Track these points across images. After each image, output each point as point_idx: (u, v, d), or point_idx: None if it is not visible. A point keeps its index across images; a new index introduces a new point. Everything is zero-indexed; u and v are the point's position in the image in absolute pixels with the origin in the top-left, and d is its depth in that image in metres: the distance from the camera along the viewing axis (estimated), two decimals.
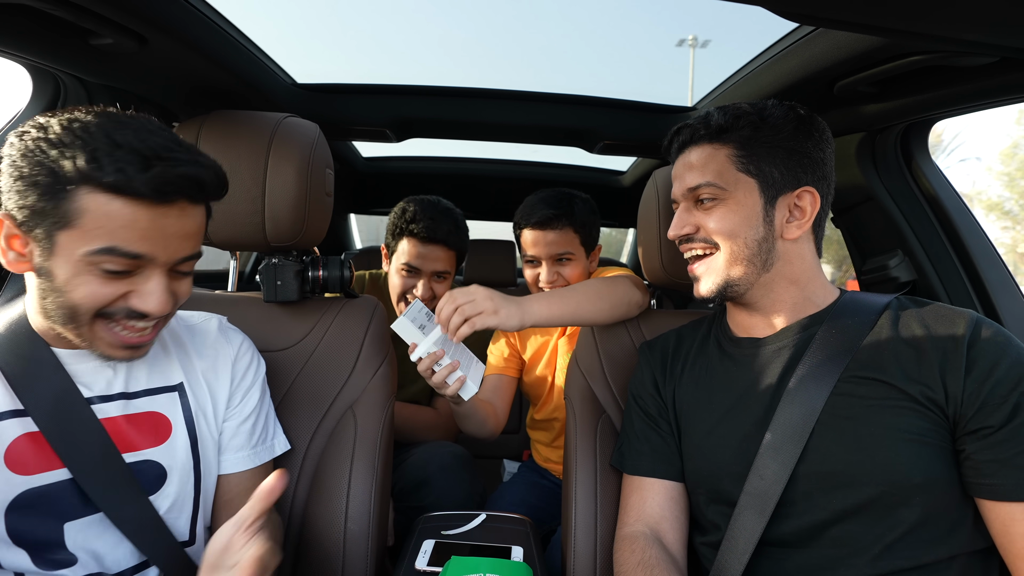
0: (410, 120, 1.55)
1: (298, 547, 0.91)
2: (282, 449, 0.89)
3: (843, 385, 0.70)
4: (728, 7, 1.72)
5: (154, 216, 0.60)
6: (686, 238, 0.81)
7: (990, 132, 16.33)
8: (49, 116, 0.61)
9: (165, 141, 0.61)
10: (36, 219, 0.59)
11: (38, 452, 0.66)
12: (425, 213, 1.35)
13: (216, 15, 1.00)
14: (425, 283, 1.37)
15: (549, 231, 1.26)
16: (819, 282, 0.79)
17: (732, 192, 0.76)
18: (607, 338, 1.05)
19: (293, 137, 0.97)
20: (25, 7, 0.75)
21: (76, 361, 0.70)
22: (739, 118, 0.76)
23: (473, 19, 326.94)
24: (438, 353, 0.97)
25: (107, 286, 0.61)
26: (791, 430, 0.70)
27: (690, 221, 0.80)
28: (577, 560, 0.90)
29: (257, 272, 1.06)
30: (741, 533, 0.71)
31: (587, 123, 1.57)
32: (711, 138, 0.78)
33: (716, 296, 0.80)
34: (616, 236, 4.90)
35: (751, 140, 0.76)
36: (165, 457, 0.75)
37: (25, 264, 0.62)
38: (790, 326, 0.78)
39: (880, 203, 1.23)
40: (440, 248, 1.37)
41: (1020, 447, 0.62)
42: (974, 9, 0.56)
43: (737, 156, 0.76)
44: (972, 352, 0.65)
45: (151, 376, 0.76)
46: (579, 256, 1.29)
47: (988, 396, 0.63)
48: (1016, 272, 7.05)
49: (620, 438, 0.93)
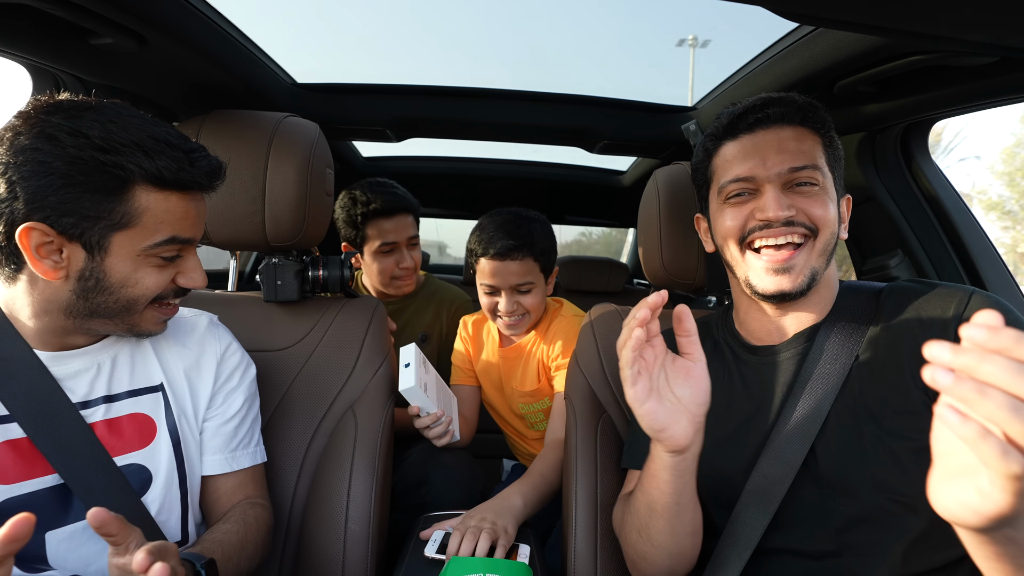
0: (410, 120, 1.55)
1: (298, 547, 0.91)
2: (260, 460, 0.86)
3: (845, 389, 0.70)
4: (728, 7, 1.71)
5: (197, 203, 0.68)
6: (786, 222, 0.72)
7: (991, 131, 16.35)
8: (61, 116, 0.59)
9: (175, 131, 0.66)
10: (86, 224, 0.60)
11: (18, 460, 0.64)
12: (375, 191, 1.43)
13: (216, 15, 1.00)
14: (405, 253, 1.46)
15: (510, 261, 1.21)
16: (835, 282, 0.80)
17: (825, 182, 0.74)
18: (607, 338, 1.05)
19: (293, 137, 0.97)
20: (25, 7, 0.75)
21: (57, 364, 0.68)
22: (822, 115, 0.76)
23: (473, 19, 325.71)
24: (438, 412, 1.08)
25: (164, 273, 0.67)
26: (796, 431, 0.70)
27: (788, 202, 0.72)
28: (577, 560, 0.90)
29: (257, 272, 1.06)
30: (742, 529, 0.70)
31: (587, 123, 1.57)
32: (806, 122, 0.75)
33: (799, 291, 0.73)
34: (616, 236, 4.90)
35: (831, 141, 0.77)
36: (150, 460, 0.73)
37: (60, 271, 0.62)
38: (801, 332, 0.77)
39: (880, 203, 1.23)
40: (405, 215, 1.45)
41: None
42: (974, 9, 0.56)
43: (826, 148, 0.76)
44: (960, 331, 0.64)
45: (133, 377, 0.74)
46: (539, 283, 1.26)
47: None
48: (1016, 272, 7.04)
49: (630, 436, 0.90)
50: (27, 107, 0.61)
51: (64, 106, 0.61)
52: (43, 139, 0.58)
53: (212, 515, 0.81)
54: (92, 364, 0.71)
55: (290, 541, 0.91)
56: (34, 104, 0.61)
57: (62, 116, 0.60)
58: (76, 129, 0.59)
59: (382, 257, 1.44)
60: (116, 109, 0.63)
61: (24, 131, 0.59)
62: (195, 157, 0.65)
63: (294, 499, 0.93)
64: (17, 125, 0.60)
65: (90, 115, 0.60)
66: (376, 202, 1.40)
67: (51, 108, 0.61)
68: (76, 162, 0.58)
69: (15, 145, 0.58)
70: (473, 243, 1.27)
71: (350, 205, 1.43)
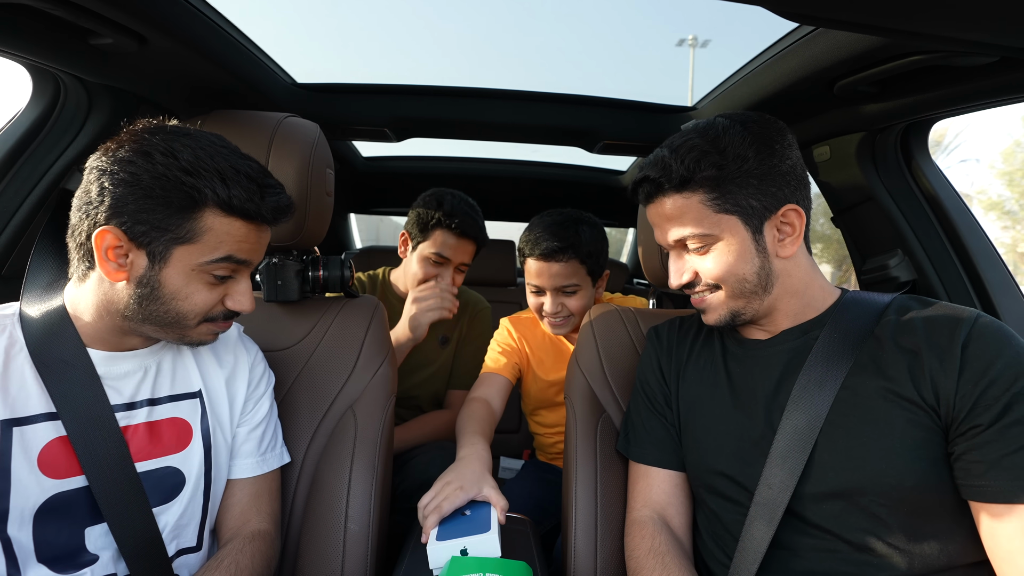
0: (410, 120, 1.55)
1: (298, 547, 0.91)
2: (287, 459, 0.91)
3: (844, 392, 0.70)
4: (728, 7, 1.71)
5: (260, 232, 0.73)
6: (687, 285, 0.80)
7: (991, 131, 16.34)
8: (161, 137, 0.66)
9: (259, 166, 0.72)
10: (155, 234, 0.65)
11: (68, 456, 0.67)
12: (460, 208, 1.40)
13: (216, 15, 1.00)
14: (451, 273, 1.43)
15: (554, 263, 1.21)
16: (817, 284, 0.79)
17: (718, 234, 0.74)
18: (607, 337, 1.05)
19: (293, 137, 0.97)
20: (25, 7, 0.75)
21: (110, 364, 0.72)
22: (699, 162, 0.72)
23: (473, 19, 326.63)
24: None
25: (214, 292, 0.71)
26: (797, 438, 0.70)
27: (686, 268, 0.78)
28: (577, 559, 0.90)
29: (257, 272, 1.06)
30: (751, 543, 0.72)
31: (587, 123, 1.57)
32: (678, 188, 0.74)
33: (724, 326, 0.80)
34: (616, 236, 4.90)
35: (719, 180, 0.72)
36: (184, 463, 0.76)
37: (123, 274, 0.66)
38: (791, 329, 0.78)
39: (880, 203, 1.23)
40: (471, 243, 1.43)
41: (1007, 448, 0.60)
42: (974, 9, 0.56)
43: (711, 199, 0.73)
44: (966, 352, 0.64)
45: (174, 383, 0.78)
46: (585, 286, 1.25)
47: (980, 397, 0.62)
48: (1016, 272, 7.04)
49: (625, 422, 0.94)
50: (135, 125, 0.69)
51: (167, 129, 0.68)
52: (139, 154, 0.65)
53: (224, 526, 0.82)
54: (140, 367, 0.74)
55: (290, 541, 0.91)
56: (143, 124, 0.69)
57: (161, 137, 0.66)
58: (169, 150, 0.65)
59: (428, 265, 1.41)
60: (210, 139, 0.69)
61: (126, 145, 0.66)
62: (268, 192, 0.71)
63: (294, 499, 0.93)
64: (123, 139, 0.67)
65: (186, 140, 0.67)
66: (457, 218, 1.37)
67: (154, 129, 0.68)
68: (161, 179, 0.64)
69: (115, 155, 0.65)
70: (522, 242, 1.28)
71: (434, 206, 1.40)
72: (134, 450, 0.71)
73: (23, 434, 0.65)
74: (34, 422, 0.66)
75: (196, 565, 0.78)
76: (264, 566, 0.78)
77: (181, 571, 0.76)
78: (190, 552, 0.77)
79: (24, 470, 0.64)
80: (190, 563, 0.77)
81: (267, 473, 0.85)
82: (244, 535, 0.79)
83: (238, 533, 0.80)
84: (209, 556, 0.80)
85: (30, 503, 0.64)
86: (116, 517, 0.68)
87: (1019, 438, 0.60)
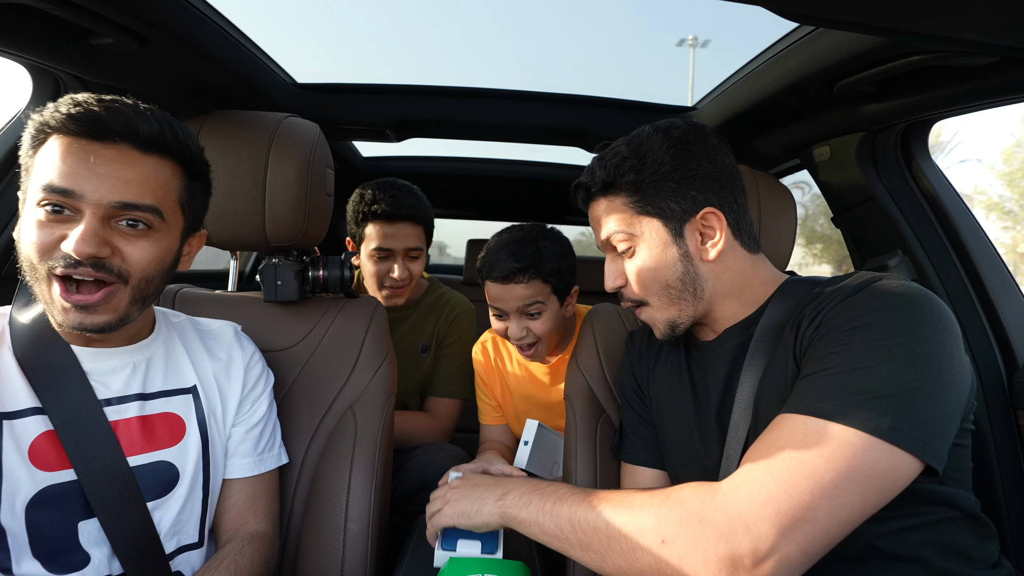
0: (410, 120, 1.55)
1: (298, 547, 0.91)
2: (284, 460, 0.90)
3: (765, 381, 0.69)
4: (728, 7, 1.71)
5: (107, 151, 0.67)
6: (626, 293, 0.82)
7: (992, 131, 16.34)
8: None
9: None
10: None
11: (59, 450, 0.67)
12: (384, 192, 1.34)
13: (216, 15, 1.00)
14: (401, 264, 1.36)
15: (515, 284, 1.14)
16: (759, 280, 0.78)
17: (640, 235, 0.77)
18: (607, 338, 1.05)
19: (293, 137, 0.97)
20: (25, 7, 0.75)
21: (96, 360, 0.71)
22: (619, 166, 0.77)
23: (473, 19, 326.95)
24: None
25: (45, 229, 0.64)
26: (738, 435, 0.71)
27: (617, 271, 0.81)
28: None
29: (257, 272, 1.06)
30: None
31: (587, 123, 1.57)
32: (603, 192, 0.80)
33: (670, 337, 0.81)
34: None
35: (638, 184, 0.76)
36: (178, 458, 0.76)
37: None
38: (732, 327, 0.79)
39: (880, 203, 1.23)
40: (408, 224, 1.36)
41: (813, 368, 0.60)
42: (974, 9, 0.56)
43: (632, 202, 0.77)
44: (826, 309, 0.64)
45: (166, 378, 0.78)
46: (550, 305, 1.18)
47: (811, 346, 0.63)
48: (1016, 272, 7.04)
49: (619, 425, 0.97)
50: None
51: None
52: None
53: (222, 527, 0.82)
54: (128, 363, 0.74)
55: (290, 541, 0.92)
56: None
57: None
58: None
59: (374, 262, 1.37)
60: None
61: None
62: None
63: (294, 499, 0.93)
64: None
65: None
66: (380, 204, 1.32)
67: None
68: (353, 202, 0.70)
69: None
70: (480, 263, 1.20)
71: (357, 201, 1.37)
72: (126, 444, 0.71)
73: (13, 427, 0.65)
74: (23, 416, 0.66)
75: (199, 561, 0.78)
76: (263, 567, 0.78)
77: (183, 567, 0.76)
78: (192, 548, 0.77)
79: (16, 462, 0.64)
80: (192, 559, 0.77)
81: (264, 474, 0.85)
82: (242, 536, 0.79)
83: (236, 534, 0.80)
84: (211, 552, 0.80)
85: (22, 494, 0.64)
86: (108, 513, 0.68)
87: (815, 364, 0.61)
